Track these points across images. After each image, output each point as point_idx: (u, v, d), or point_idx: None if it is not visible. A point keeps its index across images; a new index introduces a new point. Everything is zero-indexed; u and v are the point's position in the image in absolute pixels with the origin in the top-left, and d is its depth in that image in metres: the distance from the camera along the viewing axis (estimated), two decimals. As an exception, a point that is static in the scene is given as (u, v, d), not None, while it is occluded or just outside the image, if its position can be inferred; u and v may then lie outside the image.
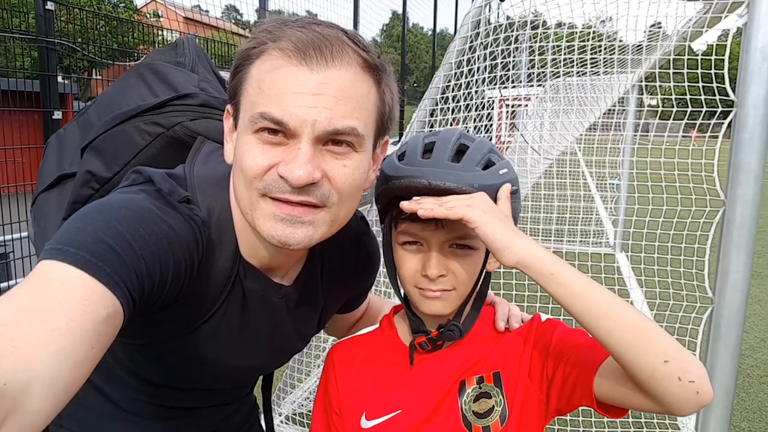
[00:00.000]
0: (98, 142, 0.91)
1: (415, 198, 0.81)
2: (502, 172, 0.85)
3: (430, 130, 1.51)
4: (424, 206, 0.78)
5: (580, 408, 0.84)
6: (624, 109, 5.57)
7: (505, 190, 0.83)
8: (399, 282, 0.91)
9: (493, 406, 0.86)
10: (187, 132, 0.91)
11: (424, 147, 0.85)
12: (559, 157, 4.85)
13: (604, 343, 0.72)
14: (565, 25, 2.40)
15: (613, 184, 6.40)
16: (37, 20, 3.78)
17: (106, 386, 0.95)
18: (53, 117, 3.84)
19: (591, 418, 2.71)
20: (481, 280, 0.89)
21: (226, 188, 0.82)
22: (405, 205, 0.79)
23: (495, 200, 0.83)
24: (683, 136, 2.39)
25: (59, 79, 4.20)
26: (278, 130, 0.70)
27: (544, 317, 0.92)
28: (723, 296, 1.55)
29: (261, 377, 1.16)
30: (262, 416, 1.17)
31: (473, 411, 0.86)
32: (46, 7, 3.70)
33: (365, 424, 0.90)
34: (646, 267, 2.56)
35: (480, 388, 0.87)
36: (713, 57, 1.82)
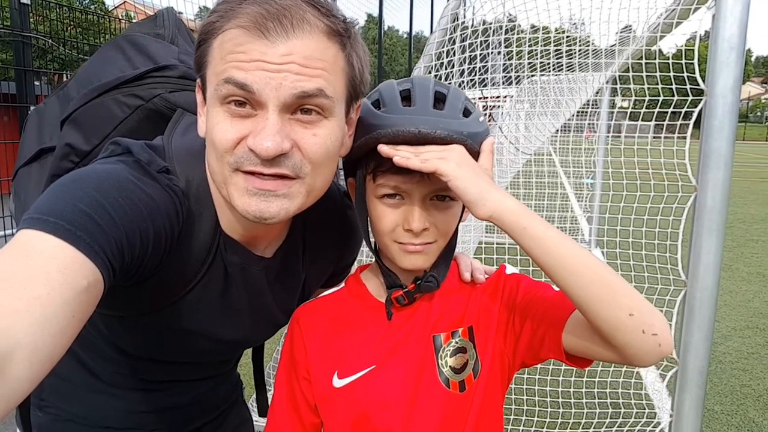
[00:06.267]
0: (77, 115, 0.90)
1: (392, 145, 0.79)
2: (481, 120, 0.84)
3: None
4: (402, 154, 0.77)
5: (561, 390, 0.85)
6: (597, 110, 5.71)
7: (490, 143, 0.83)
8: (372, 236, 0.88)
9: (468, 360, 0.86)
10: (167, 104, 0.90)
11: (400, 93, 0.82)
12: (535, 157, 4.94)
13: (572, 296, 0.73)
14: (539, 21, 2.45)
15: (587, 182, 6.53)
16: (12, 15, 3.69)
17: (88, 359, 0.94)
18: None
19: (570, 399, 2.76)
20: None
21: (205, 160, 0.81)
22: (384, 149, 0.78)
23: (479, 149, 0.82)
24: (654, 137, 2.46)
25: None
26: (245, 102, 0.69)
27: (509, 270, 0.92)
28: (696, 278, 1.59)
29: (251, 354, 1.15)
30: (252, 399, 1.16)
31: (450, 366, 0.85)
32: (21, 1, 3.62)
33: (337, 383, 0.87)
34: (621, 252, 2.62)
35: (457, 343, 0.86)
36: (683, 47, 1.87)
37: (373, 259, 0.92)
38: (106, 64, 0.96)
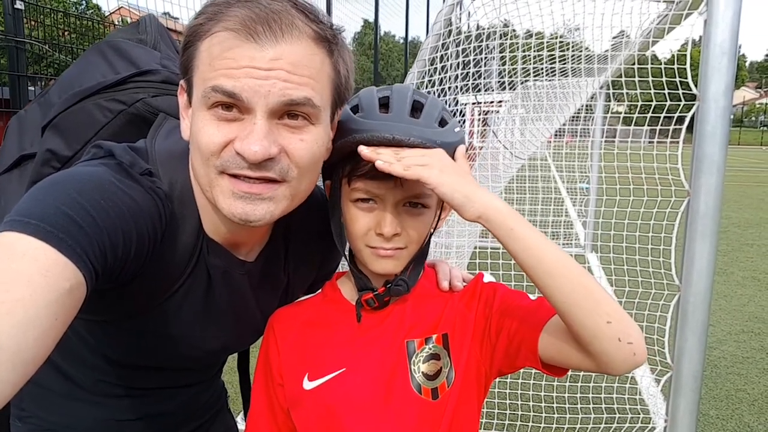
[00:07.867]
0: (59, 121, 0.89)
1: (373, 148, 0.79)
2: (456, 130, 0.86)
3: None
4: (383, 158, 0.77)
5: (556, 396, 0.85)
6: (592, 116, 5.73)
7: (461, 151, 0.84)
8: (345, 240, 0.89)
9: (441, 368, 0.86)
10: (149, 108, 0.89)
11: (379, 101, 0.83)
12: (530, 162, 4.94)
13: (553, 300, 0.74)
14: (533, 26, 2.45)
15: (582, 187, 6.55)
16: (6, 19, 3.67)
17: (69, 367, 0.93)
18: (23, 118, 3.72)
19: (565, 404, 2.75)
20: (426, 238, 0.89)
21: (188, 163, 0.80)
22: (365, 151, 0.78)
23: (453, 158, 0.83)
24: (648, 142, 2.47)
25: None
26: (232, 106, 0.69)
27: (486, 278, 0.93)
28: (689, 283, 1.58)
29: (236, 360, 1.14)
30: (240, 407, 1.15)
31: (423, 372, 0.85)
32: (15, 6, 3.60)
33: (307, 385, 0.87)
34: (615, 257, 2.62)
35: (430, 349, 0.86)
36: (676, 52, 1.88)
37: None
38: (88, 70, 0.95)
